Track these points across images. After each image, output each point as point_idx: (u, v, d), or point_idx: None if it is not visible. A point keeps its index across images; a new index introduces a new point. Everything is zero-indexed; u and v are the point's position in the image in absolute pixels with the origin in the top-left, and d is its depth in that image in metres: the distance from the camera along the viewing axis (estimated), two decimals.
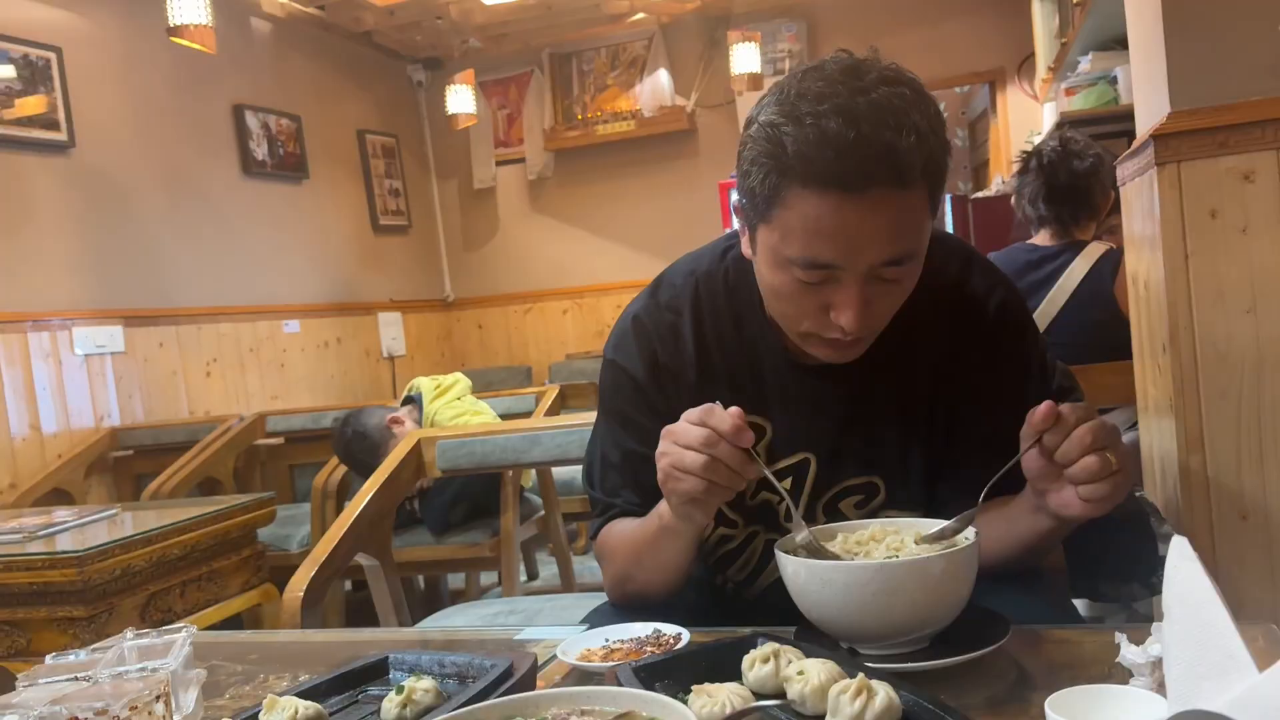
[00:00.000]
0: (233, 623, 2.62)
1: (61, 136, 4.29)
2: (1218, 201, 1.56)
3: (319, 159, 5.98)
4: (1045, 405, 0.99)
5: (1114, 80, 3.75)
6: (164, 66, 4.89)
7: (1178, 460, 1.63)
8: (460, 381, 3.50)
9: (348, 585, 3.77)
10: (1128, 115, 2.73)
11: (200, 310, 4.94)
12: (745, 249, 1.17)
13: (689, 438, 1.03)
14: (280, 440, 4.30)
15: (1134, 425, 2.31)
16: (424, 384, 3.47)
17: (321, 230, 6.01)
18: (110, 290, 4.48)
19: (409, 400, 3.45)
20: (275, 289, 5.52)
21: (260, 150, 5.49)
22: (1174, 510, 1.65)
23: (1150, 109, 1.72)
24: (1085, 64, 3.83)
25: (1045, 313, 2.52)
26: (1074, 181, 2.59)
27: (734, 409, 1.03)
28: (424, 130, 7.12)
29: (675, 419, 1.07)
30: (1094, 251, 2.54)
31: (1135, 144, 1.76)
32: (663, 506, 1.14)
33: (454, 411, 3.37)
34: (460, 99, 6.09)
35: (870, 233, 1.01)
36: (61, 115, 4.29)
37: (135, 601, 2.32)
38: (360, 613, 3.54)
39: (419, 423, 3.34)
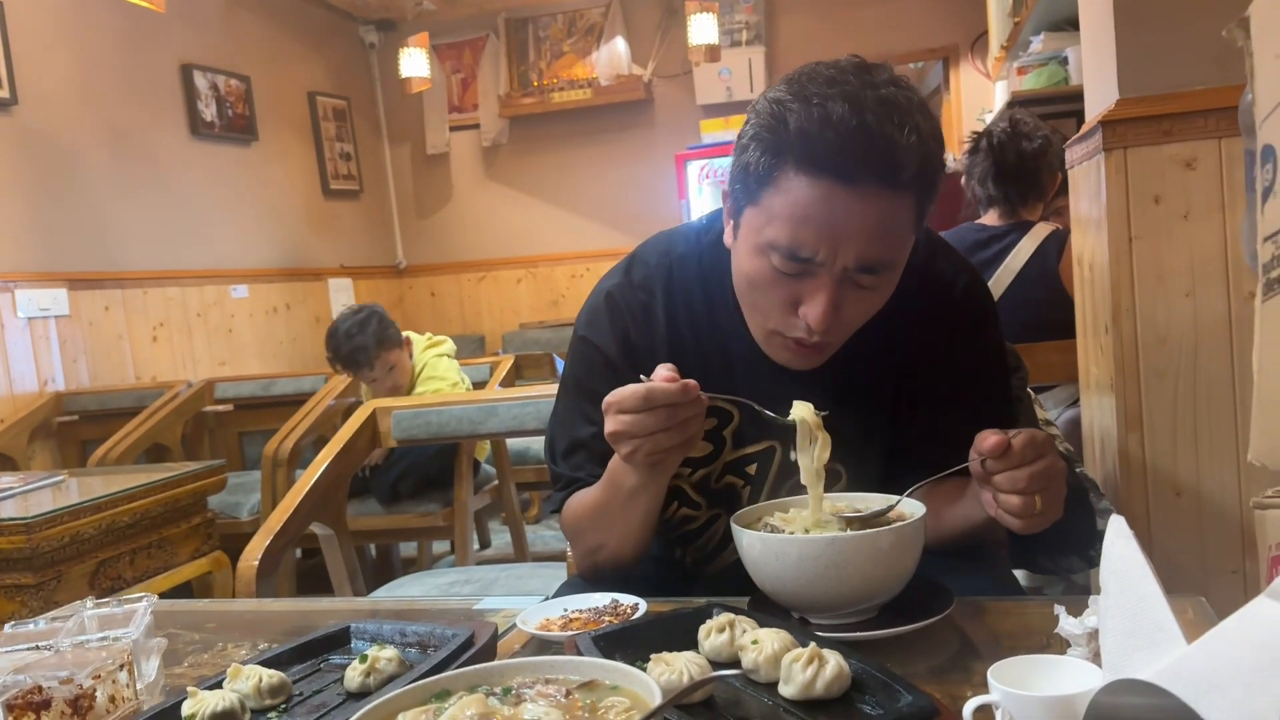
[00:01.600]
0: (182, 590, 2.60)
1: (3, 94, 4.17)
2: (1161, 187, 1.60)
3: (269, 121, 5.88)
4: (995, 439, 0.98)
5: (1064, 61, 3.80)
6: (110, 24, 4.77)
7: (1116, 438, 1.68)
8: (448, 342, 3.61)
9: (297, 553, 3.76)
10: (1077, 96, 2.77)
11: (146, 274, 4.86)
12: (728, 236, 1.17)
13: (630, 403, 1.01)
14: (229, 407, 4.27)
15: (1075, 402, 2.38)
16: (415, 335, 3.57)
17: (271, 194, 5.92)
18: (54, 253, 4.39)
19: None
20: (223, 253, 5.44)
21: (209, 111, 5.39)
22: (1112, 486, 1.71)
23: (1099, 94, 1.76)
24: (1037, 44, 3.88)
25: (992, 291, 2.57)
26: (1022, 163, 2.64)
27: (662, 365, 1.02)
28: (376, 93, 7.02)
29: None
30: (1040, 232, 2.59)
31: (1084, 129, 1.80)
32: (622, 473, 1.14)
33: (446, 367, 3.48)
34: (414, 62, 6.01)
35: (854, 228, 1.03)
36: (3, 72, 4.17)
37: (84, 569, 2.30)
38: (311, 581, 3.54)
39: (411, 358, 3.49)
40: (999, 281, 2.58)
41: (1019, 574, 1.54)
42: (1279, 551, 0.76)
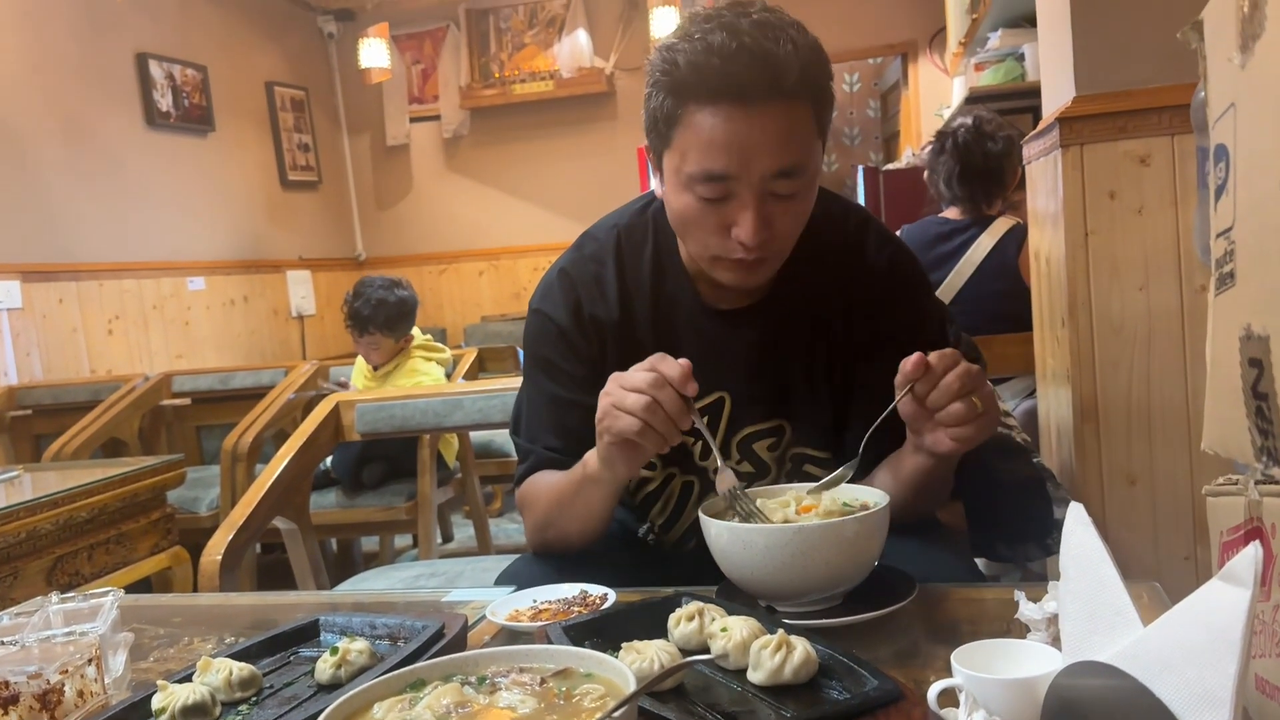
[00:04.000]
0: (142, 586, 2.58)
1: None
2: (1116, 183, 1.64)
3: (226, 111, 5.81)
4: (916, 356, 1.07)
5: (1021, 57, 3.86)
6: (64, 11, 4.68)
7: (1072, 428, 1.72)
8: (445, 353, 3.70)
9: (257, 548, 3.73)
10: (1033, 92, 2.82)
11: (101, 266, 4.78)
12: (656, 187, 1.25)
13: (635, 380, 1.08)
14: (186, 401, 4.21)
15: (1032, 394, 2.42)
16: (419, 334, 3.66)
17: (228, 185, 5.84)
18: (6, 244, 4.30)
19: None
20: (180, 245, 5.37)
21: (165, 101, 5.31)
22: (1068, 475, 1.75)
23: (1056, 92, 1.79)
24: (994, 40, 3.93)
25: (952, 284, 2.62)
26: (988, 164, 2.69)
27: (683, 360, 1.09)
28: (335, 84, 6.95)
29: (599, 364, 1.12)
30: (1000, 226, 2.64)
31: (1041, 125, 1.83)
32: (590, 456, 1.19)
33: (431, 369, 3.54)
34: (373, 52, 5.96)
35: (759, 141, 1.10)
36: None
37: (41, 565, 2.27)
38: (271, 576, 3.50)
39: (405, 350, 3.61)
40: (959, 274, 2.62)
41: (979, 562, 1.57)
42: (1230, 537, 0.78)
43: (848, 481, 1.14)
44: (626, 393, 1.08)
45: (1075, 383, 1.70)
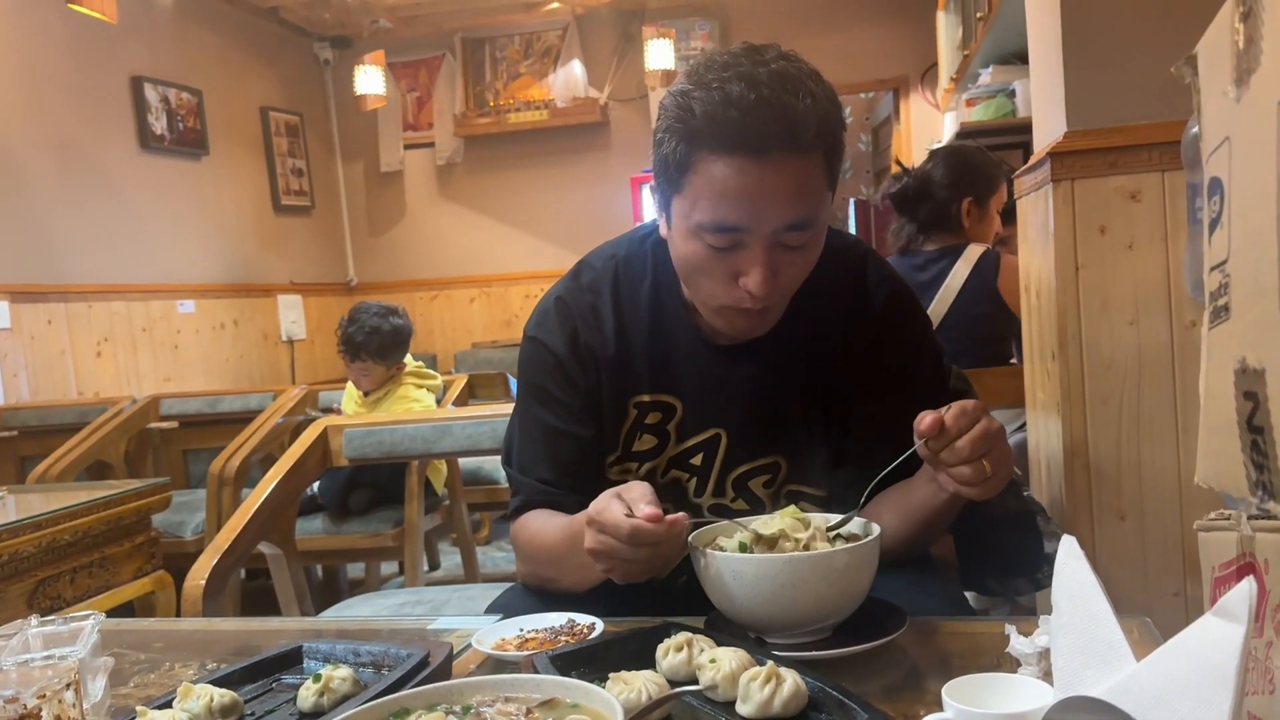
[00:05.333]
0: (124, 610, 2.55)
1: None
2: (1107, 218, 1.65)
3: (220, 135, 5.82)
4: (932, 417, 1.04)
5: (1012, 93, 3.90)
6: (60, 34, 4.69)
7: (1062, 462, 1.72)
8: (437, 380, 3.67)
9: (241, 574, 3.69)
10: (1024, 127, 2.85)
11: (91, 287, 4.76)
12: (662, 228, 1.22)
13: (614, 531, 1.01)
14: (174, 424, 4.18)
15: (1022, 426, 2.42)
16: (412, 361, 3.64)
17: (220, 208, 5.84)
18: None
19: None
20: (170, 268, 5.35)
21: (159, 124, 5.31)
22: (1058, 509, 1.75)
23: (1048, 127, 1.81)
24: (985, 76, 3.97)
25: (935, 312, 2.65)
26: (922, 192, 2.77)
27: (644, 500, 1.02)
28: (330, 110, 6.98)
29: (594, 395, 1.09)
30: (973, 254, 2.69)
31: (1032, 160, 1.84)
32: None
33: (422, 397, 3.52)
34: (369, 79, 5.98)
35: (772, 195, 1.09)
36: None
37: (23, 588, 2.24)
38: (255, 603, 3.47)
39: (396, 378, 3.59)
40: (941, 301, 2.66)
41: (968, 596, 1.56)
42: (1222, 573, 0.78)
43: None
44: (609, 543, 1.02)
45: (1065, 416, 1.70)
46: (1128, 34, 1.62)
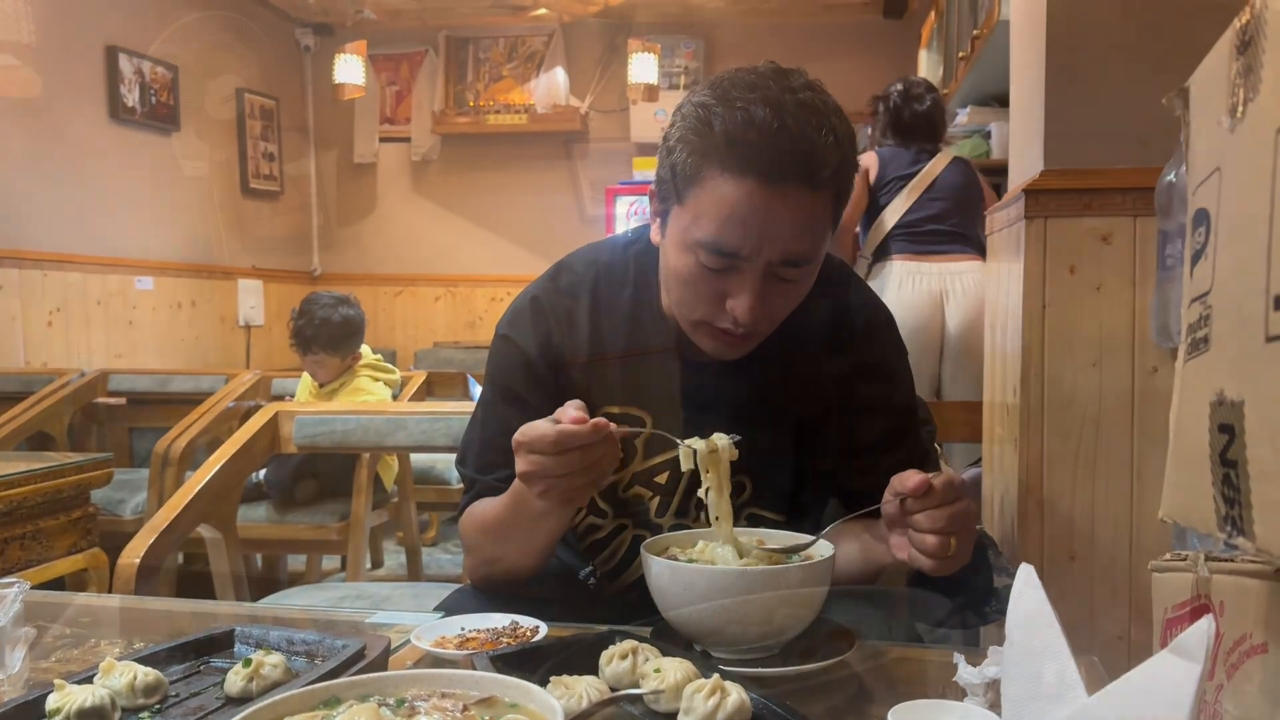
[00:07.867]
0: (55, 587, 2.47)
1: None
2: (1077, 258, 1.66)
3: (193, 112, 5.73)
4: (918, 479, 1.01)
5: (988, 135, 3.95)
6: None
7: (1016, 499, 1.72)
8: (395, 374, 3.61)
9: (179, 558, 3.61)
10: (998, 169, 2.90)
11: (47, 255, 4.66)
12: (654, 234, 1.20)
13: (541, 444, 1.00)
14: (122, 400, 4.10)
15: (977, 461, 2.43)
16: (368, 352, 3.59)
17: (187, 186, 5.74)
18: None
19: None
20: (131, 242, 5.25)
21: (131, 96, 5.22)
22: (1010, 545, 1.75)
23: (1025, 164, 1.82)
24: (963, 116, 4.01)
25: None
26: (915, 120, 3.52)
27: (570, 404, 1.02)
28: (307, 97, 6.90)
29: (560, 400, 1.07)
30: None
31: (1008, 195, 1.86)
32: (528, 497, 1.10)
33: (377, 389, 3.44)
34: (349, 69, 5.93)
35: (776, 226, 1.07)
36: None
37: None
38: (191, 589, 3.39)
39: (351, 369, 3.51)
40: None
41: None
42: (1175, 614, 0.78)
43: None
44: (539, 459, 1.01)
45: (1022, 453, 1.71)
46: (1111, 77, 1.63)
